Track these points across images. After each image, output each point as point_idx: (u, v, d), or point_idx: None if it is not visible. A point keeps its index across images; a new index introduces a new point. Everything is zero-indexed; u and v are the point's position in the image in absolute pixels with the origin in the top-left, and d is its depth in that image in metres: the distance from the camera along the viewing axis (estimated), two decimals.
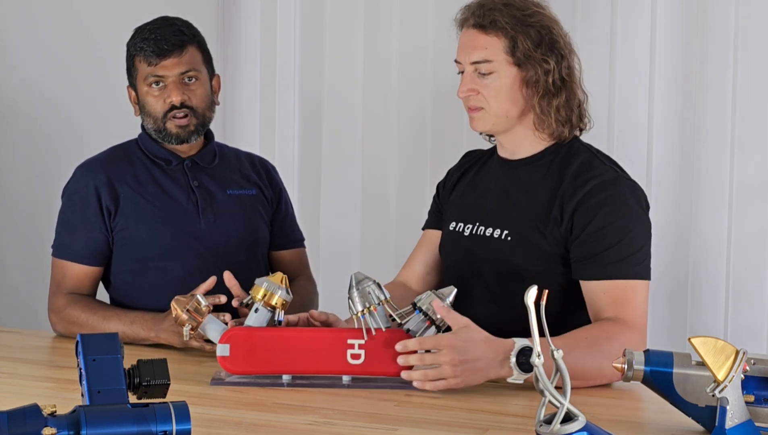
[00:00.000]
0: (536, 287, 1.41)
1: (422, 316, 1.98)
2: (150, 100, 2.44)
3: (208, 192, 2.50)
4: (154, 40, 2.41)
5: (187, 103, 2.43)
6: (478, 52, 2.15)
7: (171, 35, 2.42)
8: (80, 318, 2.38)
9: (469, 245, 2.22)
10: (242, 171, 2.59)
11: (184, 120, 2.43)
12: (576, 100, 2.19)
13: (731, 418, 1.51)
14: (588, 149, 2.22)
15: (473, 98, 2.17)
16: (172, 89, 2.41)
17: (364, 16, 3.18)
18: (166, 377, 1.49)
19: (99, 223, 2.44)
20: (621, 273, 2.07)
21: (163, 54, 2.40)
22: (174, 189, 2.48)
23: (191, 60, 2.44)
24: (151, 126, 2.46)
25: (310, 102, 3.27)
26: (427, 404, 1.87)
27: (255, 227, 2.53)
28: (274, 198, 2.62)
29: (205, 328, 2.01)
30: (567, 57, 2.18)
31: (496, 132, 2.23)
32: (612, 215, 2.09)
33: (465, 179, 2.35)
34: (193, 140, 2.48)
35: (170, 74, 2.41)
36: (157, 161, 2.50)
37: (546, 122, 2.17)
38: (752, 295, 2.78)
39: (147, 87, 2.43)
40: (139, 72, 2.44)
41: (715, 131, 2.80)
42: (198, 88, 2.45)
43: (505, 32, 2.13)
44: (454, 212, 2.30)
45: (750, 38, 2.75)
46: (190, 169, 2.51)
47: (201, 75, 2.46)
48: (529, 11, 2.16)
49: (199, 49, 2.47)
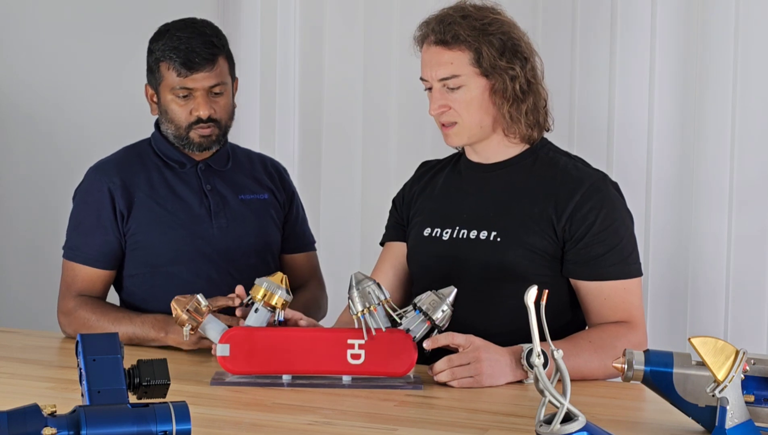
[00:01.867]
0: (536, 287, 1.41)
1: (422, 316, 1.98)
2: (175, 108, 2.42)
3: (221, 196, 2.49)
4: (185, 51, 2.38)
5: (213, 116, 2.41)
6: (444, 69, 2.15)
7: (202, 47, 2.39)
8: (90, 320, 2.37)
9: (450, 249, 2.21)
10: (254, 174, 2.57)
11: (208, 130, 2.42)
12: (542, 101, 2.20)
13: (731, 418, 1.51)
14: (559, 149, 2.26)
15: (446, 114, 2.17)
16: (200, 102, 2.39)
17: (364, 15, 3.18)
18: (166, 377, 1.49)
19: (112, 226, 2.43)
20: (620, 274, 2.13)
21: (194, 67, 2.37)
22: (187, 193, 2.47)
23: (220, 73, 2.41)
24: (173, 132, 2.44)
25: (310, 102, 3.27)
26: (427, 404, 1.87)
27: (267, 232, 2.53)
28: (286, 201, 2.60)
29: (205, 328, 2.01)
30: (530, 58, 2.18)
31: (472, 143, 2.23)
32: (609, 218, 2.13)
33: (429, 188, 2.33)
34: (214, 149, 2.48)
35: (199, 87, 2.39)
36: (170, 163, 2.49)
37: (516, 128, 2.19)
38: (752, 295, 2.78)
39: (172, 96, 2.41)
40: (166, 79, 2.41)
41: (715, 131, 2.79)
42: (223, 99, 2.43)
43: (468, 45, 2.13)
44: (426, 219, 2.28)
45: (750, 38, 2.75)
46: (204, 173, 2.49)
47: (227, 86, 2.44)
48: (487, 20, 2.15)
49: (227, 57, 2.46)
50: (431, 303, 1.98)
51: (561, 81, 2.81)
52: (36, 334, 2.51)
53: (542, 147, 2.24)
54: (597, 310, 2.13)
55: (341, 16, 3.21)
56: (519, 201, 2.18)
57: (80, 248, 2.44)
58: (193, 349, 2.25)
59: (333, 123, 3.24)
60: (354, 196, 3.23)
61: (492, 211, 2.20)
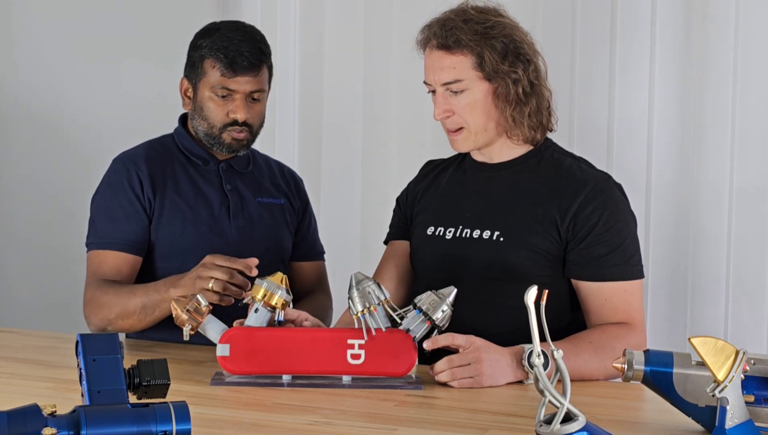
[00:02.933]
0: (536, 287, 1.41)
1: (422, 316, 1.98)
2: (211, 107, 2.43)
3: (241, 197, 2.50)
4: (234, 53, 2.39)
5: (248, 121, 2.43)
6: (446, 73, 2.15)
7: (251, 52, 2.40)
8: (111, 300, 2.31)
9: (453, 248, 2.22)
10: (272, 179, 2.60)
11: (242, 135, 2.44)
12: (545, 102, 2.21)
13: (731, 418, 1.51)
14: (564, 151, 2.27)
15: (451, 120, 2.18)
16: (239, 105, 2.41)
17: (364, 16, 3.18)
18: (166, 377, 1.49)
19: (141, 213, 2.42)
20: (622, 275, 2.13)
21: (240, 70, 2.39)
22: (208, 190, 2.48)
23: (262, 80, 2.44)
24: (204, 129, 2.45)
25: (310, 103, 3.27)
26: (427, 404, 1.87)
27: (281, 236, 2.54)
28: (300, 209, 2.63)
29: (205, 328, 2.01)
30: (533, 60, 2.19)
31: (478, 148, 2.24)
32: (612, 219, 2.14)
33: (434, 187, 2.34)
34: (242, 153, 2.50)
35: (241, 90, 2.40)
36: (193, 160, 2.50)
37: (519, 130, 2.19)
38: (752, 295, 2.78)
39: (212, 94, 2.42)
40: (208, 77, 2.42)
41: (715, 131, 2.80)
42: (259, 106, 2.46)
43: (470, 49, 2.14)
44: (430, 218, 2.28)
45: (750, 39, 2.75)
46: (225, 172, 2.51)
47: (265, 94, 2.46)
48: (489, 23, 2.15)
49: (268, 67, 2.48)
50: (431, 303, 1.98)
51: (561, 81, 2.81)
52: (36, 334, 2.51)
53: (547, 148, 2.24)
54: (597, 310, 2.13)
55: (341, 17, 3.21)
56: (523, 201, 2.19)
57: (108, 235, 2.40)
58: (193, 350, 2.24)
59: (333, 123, 3.24)
60: (354, 196, 3.23)
61: (495, 210, 2.20)
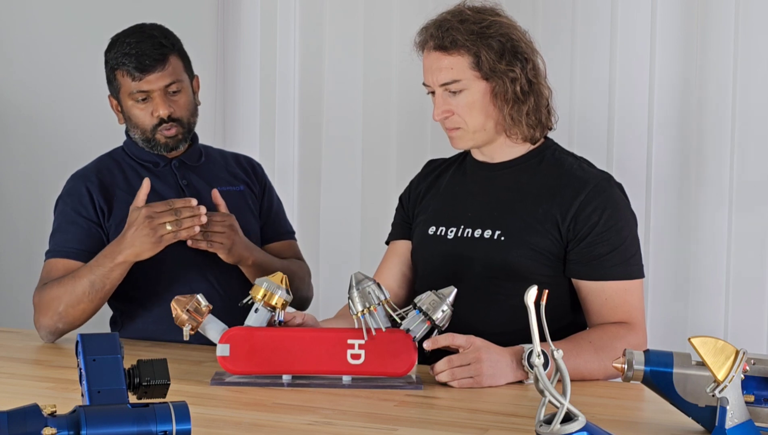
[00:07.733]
0: (536, 287, 1.41)
1: (422, 316, 1.98)
2: (137, 113, 2.48)
3: (198, 190, 2.53)
4: (135, 56, 2.43)
5: (173, 115, 2.47)
6: (444, 74, 2.16)
7: (152, 49, 2.44)
8: (57, 292, 2.34)
9: (454, 247, 2.22)
10: (228, 169, 2.63)
11: (172, 131, 2.48)
12: (543, 100, 2.21)
13: (731, 418, 1.51)
14: (565, 150, 2.27)
15: (449, 120, 2.19)
16: (158, 103, 2.45)
17: (364, 16, 3.18)
18: (166, 377, 1.49)
19: (92, 220, 2.46)
20: (622, 275, 2.13)
21: (146, 69, 2.43)
22: (164, 189, 2.51)
23: (174, 71, 2.47)
24: (139, 136, 2.50)
25: (310, 103, 3.27)
26: (427, 404, 1.87)
27: (245, 221, 2.54)
28: (260, 192, 2.65)
29: (205, 328, 2.01)
30: (531, 58, 2.19)
31: (477, 146, 2.24)
32: (613, 218, 2.14)
33: (435, 186, 2.34)
34: (181, 147, 2.54)
35: (155, 88, 2.44)
36: (145, 164, 2.54)
37: (517, 129, 2.20)
38: (752, 295, 2.78)
39: (132, 101, 2.47)
40: (123, 86, 2.47)
41: (715, 131, 2.80)
42: (181, 98, 2.49)
43: (467, 49, 2.14)
44: (432, 217, 2.29)
45: (750, 38, 2.75)
46: (178, 169, 2.55)
47: (183, 84, 2.49)
48: (485, 23, 2.16)
49: (179, 56, 2.50)
50: (431, 303, 1.98)
51: (561, 81, 2.81)
52: (36, 334, 2.51)
53: (548, 147, 2.25)
54: (597, 310, 2.13)
55: (341, 17, 3.21)
56: (524, 201, 2.19)
57: (59, 246, 2.45)
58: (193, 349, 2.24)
59: (333, 123, 3.24)
60: (354, 196, 3.23)
61: (497, 210, 2.20)
